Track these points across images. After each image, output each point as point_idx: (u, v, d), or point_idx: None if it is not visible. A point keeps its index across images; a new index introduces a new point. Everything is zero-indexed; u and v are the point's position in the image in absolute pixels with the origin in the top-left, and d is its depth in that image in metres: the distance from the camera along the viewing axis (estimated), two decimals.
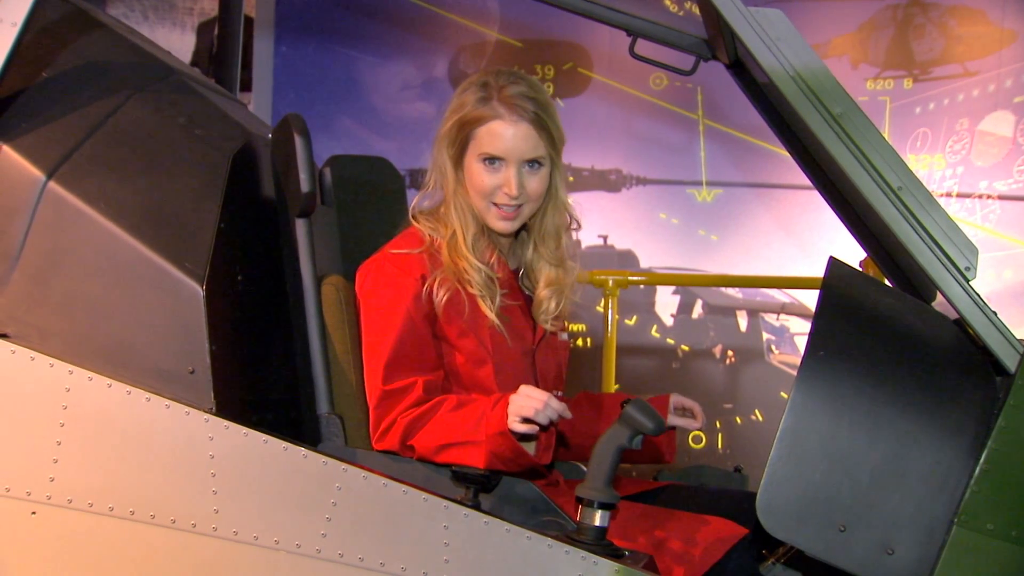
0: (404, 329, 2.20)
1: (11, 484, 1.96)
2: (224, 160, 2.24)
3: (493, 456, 2.09)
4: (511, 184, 2.25)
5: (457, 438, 2.12)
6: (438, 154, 2.33)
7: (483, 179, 2.26)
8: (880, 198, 2.00)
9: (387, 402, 2.19)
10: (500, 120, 2.25)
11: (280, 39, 6.35)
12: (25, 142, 2.09)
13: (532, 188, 2.29)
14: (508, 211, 2.29)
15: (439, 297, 2.23)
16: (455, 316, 2.24)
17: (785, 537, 1.90)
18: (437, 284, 2.23)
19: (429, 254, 2.27)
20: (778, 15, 2.06)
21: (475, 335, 2.27)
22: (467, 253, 2.26)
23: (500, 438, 2.07)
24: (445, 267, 2.25)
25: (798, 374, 1.92)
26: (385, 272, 2.25)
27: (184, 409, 1.96)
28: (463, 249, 2.26)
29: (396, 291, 2.23)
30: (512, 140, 2.25)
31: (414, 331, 2.21)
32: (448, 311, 2.24)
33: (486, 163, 2.26)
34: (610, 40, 5.87)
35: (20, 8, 2.04)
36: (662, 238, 5.91)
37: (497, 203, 2.28)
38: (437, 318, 2.24)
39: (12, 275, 2.04)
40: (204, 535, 1.94)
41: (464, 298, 2.25)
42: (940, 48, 5.62)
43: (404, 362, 2.20)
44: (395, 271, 2.25)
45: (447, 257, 2.26)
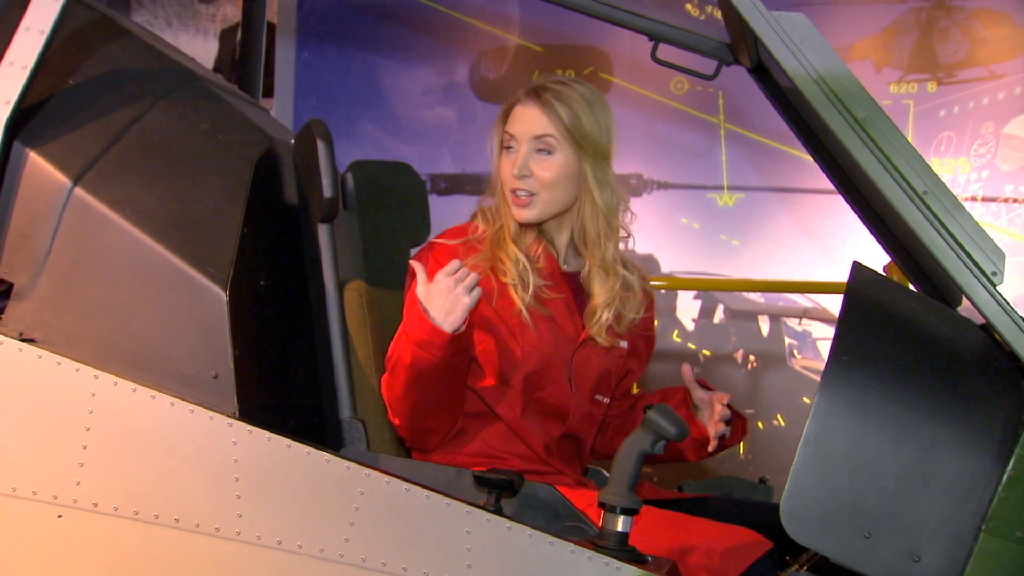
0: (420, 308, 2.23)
1: (38, 487, 1.97)
2: (247, 165, 2.25)
3: (415, 346, 2.14)
4: (517, 163, 2.31)
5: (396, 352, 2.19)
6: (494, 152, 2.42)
7: (502, 167, 2.35)
8: (905, 203, 1.99)
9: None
10: (519, 104, 2.36)
11: (302, 45, 6.37)
12: (52, 148, 2.10)
13: (541, 173, 2.31)
14: (521, 197, 2.32)
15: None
16: (483, 302, 2.26)
17: (810, 544, 1.88)
18: (484, 269, 2.29)
19: (467, 246, 2.34)
20: (801, 19, 2.05)
21: (505, 323, 2.30)
22: (509, 244, 2.32)
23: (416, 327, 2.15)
24: (478, 255, 2.31)
25: (822, 379, 1.91)
26: (423, 259, 2.32)
27: (208, 414, 1.97)
28: (506, 240, 2.33)
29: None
30: (520, 119, 2.34)
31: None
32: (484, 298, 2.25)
33: (506, 149, 2.35)
34: (630, 45, 5.86)
35: (48, 16, 2.06)
36: (683, 242, 5.89)
37: (511, 189, 2.33)
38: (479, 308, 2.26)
39: (39, 280, 2.06)
40: (228, 539, 1.94)
41: (494, 285, 2.29)
42: (965, 51, 5.57)
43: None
44: (429, 258, 2.33)
45: (487, 248, 2.33)
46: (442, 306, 2.14)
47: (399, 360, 2.18)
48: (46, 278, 2.06)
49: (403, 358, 2.17)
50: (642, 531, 2.09)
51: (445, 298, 2.13)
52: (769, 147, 5.74)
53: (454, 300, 2.13)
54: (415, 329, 2.15)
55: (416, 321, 2.15)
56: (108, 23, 2.45)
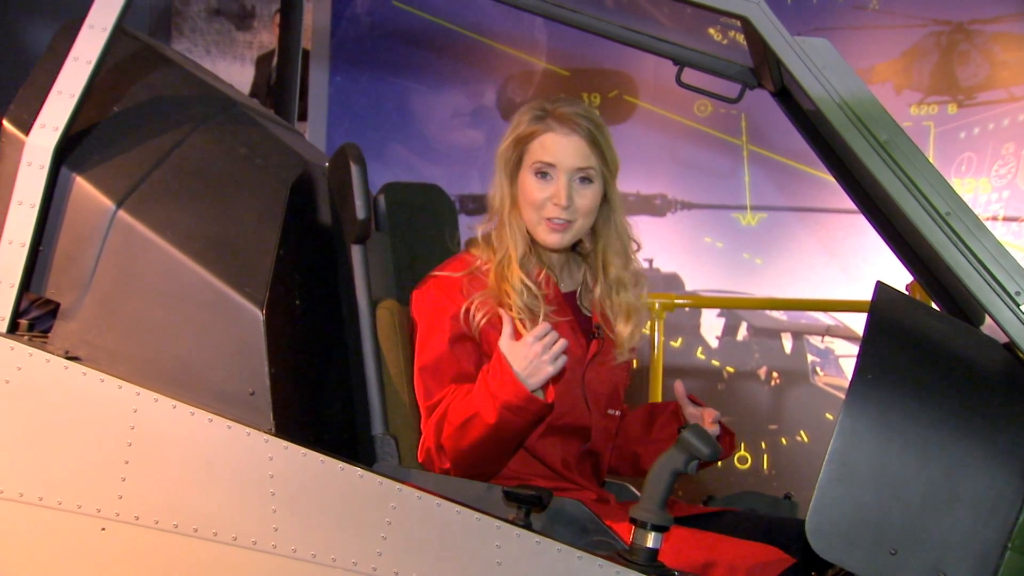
0: (442, 346, 2.25)
1: (82, 501, 1.98)
2: (283, 188, 2.26)
3: (504, 409, 2.11)
4: (561, 194, 2.29)
5: (469, 412, 2.15)
6: (496, 176, 2.37)
7: (535, 191, 2.30)
8: (928, 223, 1.98)
9: (427, 416, 2.24)
10: (553, 132, 2.30)
11: (335, 70, 6.42)
12: (97, 173, 2.12)
13: (581, 203, 2.31)
14: (558, 223, 2.31)
15: (476, 320, 2.26)
16: (495, 335, 2.26)
17: (835, 559, 1.87)
18: (475, 307, 2.27)
19: (470, 277, 2.31)
20: (824, 44, 2.05)
21: None
22: (516, 272, 2.29)
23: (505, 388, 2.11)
24: (487, 290, 2.28)
25: (847, 397, 1.90)
26: (428, 295, 2.31)
27: (245, 430, 1.97)
28: (513, 268, 2.29)
29: (435, 312, 2.28)
30: (563, 149, 2.30)
31: (451, 348, 2.25)
32: (487, 331, 2.27)
33: (538, 175, 2.30)
34: (655, 69, 5.87)
35: (95, 47, 2.08)
36: (707, 261, 5.88)
37: (548, 216, 2.30)
38: (481, 335, 2.27)
39: (84, 300, 2.07)
40: (264, 552, 1.95)
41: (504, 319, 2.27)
42: (984, 74, 5.54)
43: (441, 377, 2.24)
44: (436, 292, 2.30)
45: (492, 280, 2.30)
46: (524, 368, 2.12)
47: (478, 417, 2.14)
48: (91, 298, 2.07)
49: (485, 417, 2.13)
50: (668, 548, 2.08)
51: (530, 361, 2.12)
52: (791, 168, 5.72)
53: (538, 365, 2.12)
54: (507, 392, 2.12)
55: (509, 384, 2.12)
56: (151, 52, 2.47)
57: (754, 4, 2.04)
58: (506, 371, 2.13)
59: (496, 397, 2.13)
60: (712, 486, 5.28)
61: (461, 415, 2.17)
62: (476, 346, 2.28)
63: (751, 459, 5.65)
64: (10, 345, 2.03)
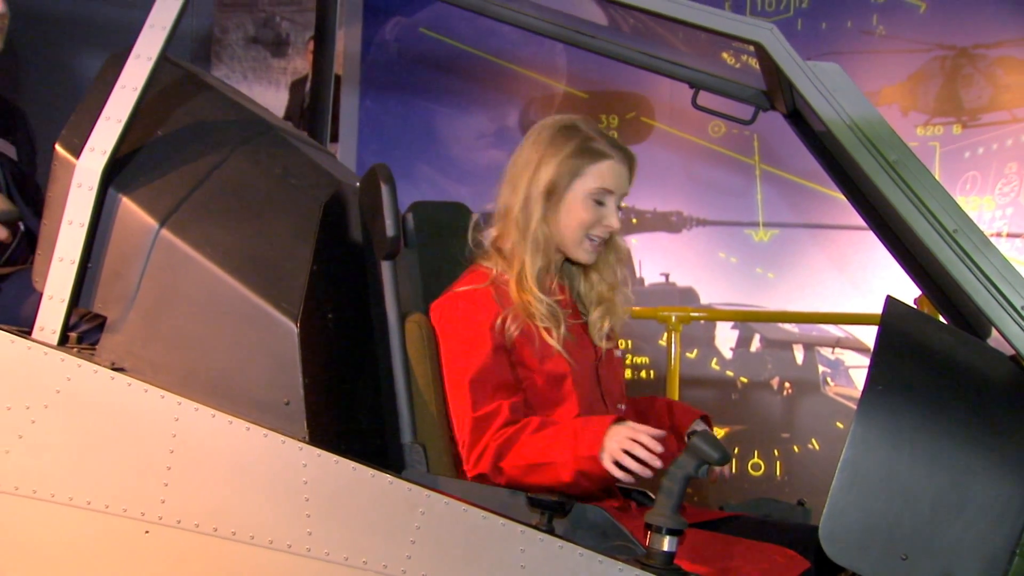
0: (484, 358, 2.23)
1: (127, 505, 1.99)
2: (316, 207, 2.27)
3: (583, 476, 2.09)
4: (613, 218, 2.32)
5: (546, 459, 2.12)
6: (519, 191, 2.34)
7: (588, 213, 2.31)
8: (936, 240, 1.97)
9: (479, 427, 2.20)
10: (612, 160, 2.32)
11: (365, 94, 6.45)
12: (142, 193, 2.13)
13: (617, 225, 2.36)
14: (598, 244, 2.35)
15: (511, 331, 2.25)
16: (528, 344, 2.26)
17: (849, 564, 1.85)
18: (510, 319, 2.26)
19: (495, 287, 2.30)
20: (835, 68, 2.05)
21: (550, 359, 2.29)
22: (533, 287, 2.28)
23: (590, 461, 2.07)
24: (515, 305, 2.27)
25: (858, 407, 1.89)
26: (458, 308, 2.29)
27: (280, 438, 1.98)
28: (530, 283, 2.29)
29: (471, 324, 2.26)
30: (620, 178, 2.33)
31: (492, 359, 2.23)
32: (520, 341, 2.27)
33: (593, 200, 2.31)
34: (670, 91, 5.86)
35: (140, 75, 2.11)
36: (721, 276, 5.86)
37: (594, 235, 2.32)
38: (515, 347, 2.27)
39: (129, 314, 2.08)
40: (299, 555, 1.95)
41: (534, 329, 2.28)
42: (988, 96, 5.52)
43: (487, 388, 2.22)
44: (467, 306, 2.28)
45: (515, 294, 2.29)
46: (617, 450, 2.05)
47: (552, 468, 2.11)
48: (135, 312, 2.08)
49: (561, 473, 2.10)
50: (685, 551, 2.08)
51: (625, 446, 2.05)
52: (802, 186, 5.71)
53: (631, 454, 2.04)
54: (589, 465, 2.08)
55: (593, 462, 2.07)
56: (192, 79, 2.49)
57: (767, 30, 2.05)
58: (599, 439, 2.07)
59: (577, 460, 2.08)
60: (727, 494, 5.27)
61: (535, 457, 2.13)
62: (509, 355, 2.27)
63: (764, 466, 5.62)
64: (61, 357, 2.04)
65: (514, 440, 2.16)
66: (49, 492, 2.01)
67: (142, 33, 2.13)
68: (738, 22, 2.07)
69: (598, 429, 2.10)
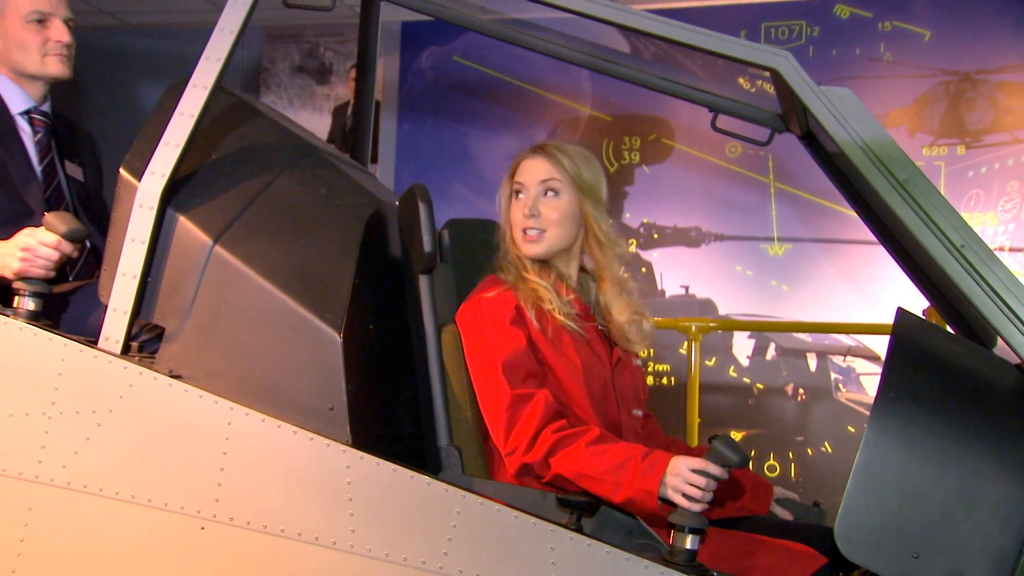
0: (513, 347, 2.21)
1: (184, 503, 2.00)
2: (358, 225, 2.28)
3: (630, 501, 2.04)
4: (527, 205, 2.34)
5: (601, 475, 2.06)
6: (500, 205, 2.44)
7: (512, 210, 2.38)
8: (944, 255, 1.95)
9: (518, 407, 2.15)
10: (525, 159, 2.39)
11: (402, 118, 6.48)
12: (197, 213, 2.15)
13: (548, 212, 2.35)
14: (532, 234, 2.35)
15: (530, 313, 2.26)
16: (543, 338, 2.26)
17: (863, 562, 1.83)
18: (526, 304, 2.27)
19: (514, 288, 2.32)
20: (847, 92, 2.03)
21: (565, 355, 2.28)
22: (532, 275, 2.32)
23: (645, 494, 2.02)
24: (522, 290, 2.30)
25: (871, 414, 1.87)
26: (484, 308, 2.28)
27: (325, 441, 1.98)
28: (532, 277, 2.32)
29: (498, 320, 2.25)
30: (530, 169, 2.37)
31: (522, 348, 2.22)
32: (537, 333, 2.26)
33: (515, 195, 2.38)
34: (689, 114, 5.86)
35: (197, 103, 2.13)
36: (738, 288, 5.84)
37: (523, 228, 2.36)
38: (534, 341, 2.25)
39: (185, 325, 2.09)
40: (342, 551, 1.95)
41: (546, 314, 2.28)
42: (990, 118, 5.50)
43: (520, 373, 2.19)
44: (492, 305, 2.28)
45: (522, 283, 2.32)
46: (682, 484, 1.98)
47: (603, 485, 2.06)
48: (191, 323, 2.09)
49: (612, 495, 2.05)
50: (706, 549, 2.06)
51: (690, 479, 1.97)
52: (814, 203, 5.69)
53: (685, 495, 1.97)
54: (642, 497, 2.02)
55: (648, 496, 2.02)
56: (243, 106, 2.51)
57: (783, 57, 2.04)
58: (657, 475, 2.02)
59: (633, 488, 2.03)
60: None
61: (590, 469, 2.08)
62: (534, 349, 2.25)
63: (780, 468, 5.58)
64: (123, 365, 2.06)
65: (569, 442, 2.11)
66: (114, 490, 2.02)
67: (199, 64, 2.15)
68: (756, 50, 2.06)
69: (658, 464, 2.03)
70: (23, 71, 2.60)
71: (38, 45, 2.58)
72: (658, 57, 5.40)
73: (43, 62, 2.60)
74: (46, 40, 2.59)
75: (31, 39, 2.58)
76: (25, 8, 2.57)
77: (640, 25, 2.10)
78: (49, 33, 2.59)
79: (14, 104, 2.62)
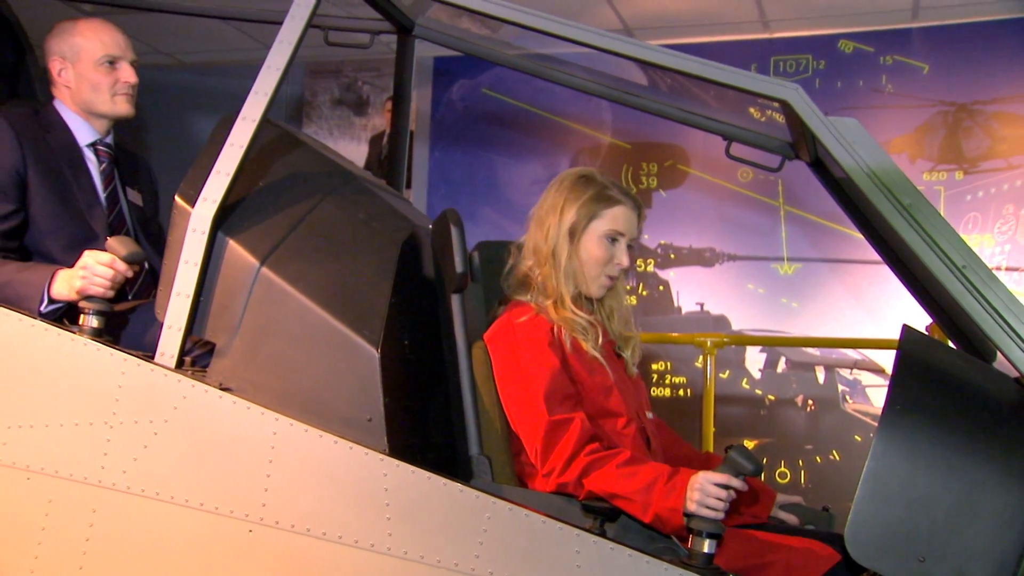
0: (551, 372, 2.19)
1: (233, 507, 2.00)
2: (394, 247, 2.28)
3: (657, 519, 2.03)
4: (624, 256, 2.32)
5: (630, 494, 2.05)
6: (554, 232, 2.33)
7: (602, 252, 2.32)
8: (947, 275, 1.93)
9: (556, 432, 2.14)
10: (623, 206, 2.33)
11: (434, 146, 6.52)
12: (245, 237, 2.15)
13: (627, 264, 2.36)
14: (611, 280, 2.35)
15: (565, 342, 2.25)
16: (578, 359, 2.25)
17: (871, 565, 1.81)
18: (562, 332, 2.25)
19: (544, 313, 2.29)
20: (853, 123, 2.02)
21: (598, 373, 2.27)
22: (570, 305, 2.29)
23: (671, 512, 2.00)
24: (559, 319, 2.27)
25: (879, 425, 1.85)
26: (518, 333, 2.26)
27: (363, 450, 1.98)
28: (568, 303, 2.29)
29: (534, 345, 2.23)
30: (630, 222, 2.34)
31: (558, 372, 2.20)
32: (572, 356, 2.25)
33: (607, 240, 2.32)
34: (704, 142, 5.86)
35: (245, 135, 2.14)
36: (750, 305, 5.82)
37: (608, 274, 2.33)
38: (568, 362, 2.24)
39: (234, 341, 2.10)
40: (380, 554, 1.94)
41: (579, 342, 2.27)
42: (986, 146, 5.50)
43: (557, 397, 2.17)
44: (526, 330, 2.26)
45: (555, 314, 2.28)
46: (705, 499, 1.96)
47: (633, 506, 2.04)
48: (240, 339, 2.10)
49: (641, 514, 2.03)
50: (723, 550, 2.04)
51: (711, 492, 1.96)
52: (822, 225, 5.68)
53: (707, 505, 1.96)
54: (668, 514, 2.00)
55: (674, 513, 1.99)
56: (288, 136, 2.52)
57: (793, 90, 2.03)
58: (680, 494, 1.99)
59: (662, 509, 2.01)
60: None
61: (621, 489, 2.05)
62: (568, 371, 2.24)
63: (790, 475, 5.54)
64: (178, 378, 2.07)
65: (602, 464, 2.09)
66: (169, 494, 2.03)
67: (248, 99, 2.16)
68: (767, 83, 2.06)
69: (681, 483, 2.01)
70: (93, 110, 2.65)
71: (108, 86, 2.63)
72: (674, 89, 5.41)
73: (113, 102, 2.65)
74: (115, 81, 2.64)
75: (102, 80, 2.63)
76: (98, 53, 2.62)
77: (660, 60, 2.09)
78: (118, 75, 2.64)
79: (82, 137, 2.66)
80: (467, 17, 4.30)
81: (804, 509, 2.53)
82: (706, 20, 5.76)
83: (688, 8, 5.65)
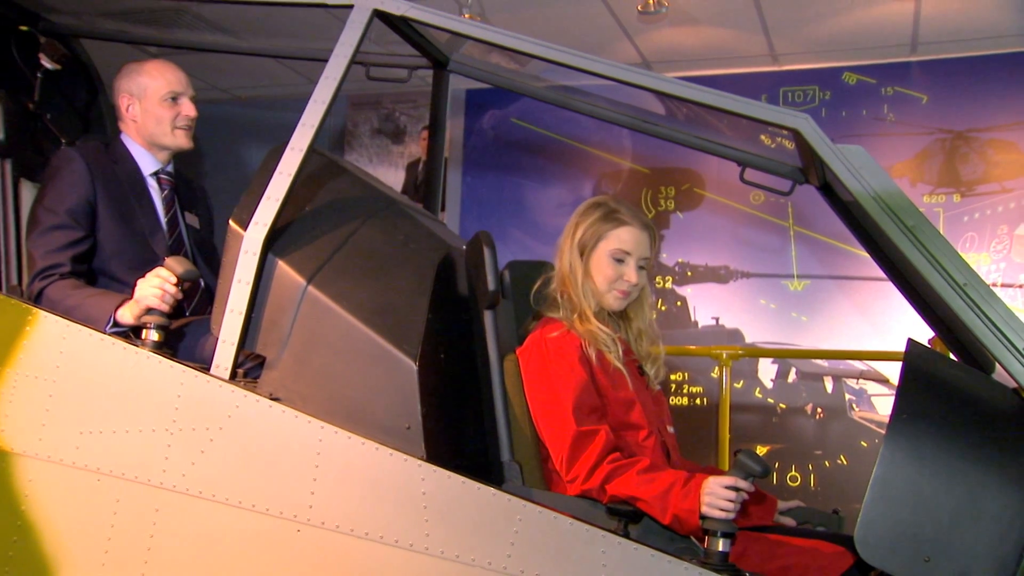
0: (579, 384, 2.19)
1: (282, 508, 2.01)
2: (431, 267, 2.28)
3: (675, 520, 2.03)
4: (632, 274, 2.32)
5: (650, 499, 2.05)
6: (567, 254, 2.37)
7: (611, 270, 2.32)
8: (949, 292, 1.91)
9: (582, 442, 2.14)
10: (630, 227, 2.33)
11: (466, 171, 6.55)
12: (293, 257, 2.17)
13: (639, 281, 2.35)
14: (624, 294, 2.34)
15: (591, 355, 2.25)
16: (603, 374, 2.24)
17: (880, 565, 1.79)
18: (588, 345, 2.26)
19: (573, 328, 2.29)
20: (860, 150, 2.02)
21: (622, 388, 2.26)
22: (593, 319, 2.29)
23: (688, 514, 2.00)
24: (584, 333, 2.28)
25: (887, 433, 1.83)
26: (550, 347, 2.26)
27: (403, 457, 1.97)
28: (590, 317, 2.30)
29: (564, 359, 2.23)
30: (637, 243, 2.33)
31: (586, 386, 2.20)
32: (598, 370, 2.24)
33: (613, 259, 2.32)
34: (718, 167, 5.85)
35: (294, 163, 2.16)
36: (763, 319, 5.80)
37: (619, 289, 2.32)
38: (595, 376, 2.23)
39: (282, 355, 2.11)
40: (419, 553, 1.94)
41: (604, 356, 2.27)
42: (981, 171, 5.50)
43: (584, 410, 2.18)
44: (557, 345, 2.26)
45: (581, 327, 2.29)
46: (718, 500, 1.96)
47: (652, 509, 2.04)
48: (288, 353, 2.11)
49: (660, 516, 2.04)
50: (739, 551, 2.03)
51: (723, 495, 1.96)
52: (829, 244, 5.66)
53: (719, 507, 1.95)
54: (686, 515, 2.00)
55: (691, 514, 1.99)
56: (332, 164, 2.53)
57: (803, 119, 2.03)
58: (695, 496, 1.99)
59: (677, 509, 2.01)
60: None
61: (642, 493, 2.06)
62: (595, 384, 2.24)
63: (800, 479, 5.50)
64: (231, 389, 2.08)
65: (623, 471, 2.10)
66: (224, 496, 2.04)
67: (296, 130, 2.18)
68: (780, 113, 2.05)
69: (695, 487, 2.01)
70: (156, 142, 2.71)
71: (170, 119, 2.69)
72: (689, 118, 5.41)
73: (174, 135, 2.71)
74: (177, 115, 2.70)
75: (165, 115, 2.69)
76: (163, 90, 2.68)
77: (680, 92, 2.10)
78: (180, 109, 2.70)
79: (146, 167, 2.72)
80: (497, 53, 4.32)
81: (804, 510, 2.50)
82: (720, 54, 5.76)
83: (703, 43, 5.65)
